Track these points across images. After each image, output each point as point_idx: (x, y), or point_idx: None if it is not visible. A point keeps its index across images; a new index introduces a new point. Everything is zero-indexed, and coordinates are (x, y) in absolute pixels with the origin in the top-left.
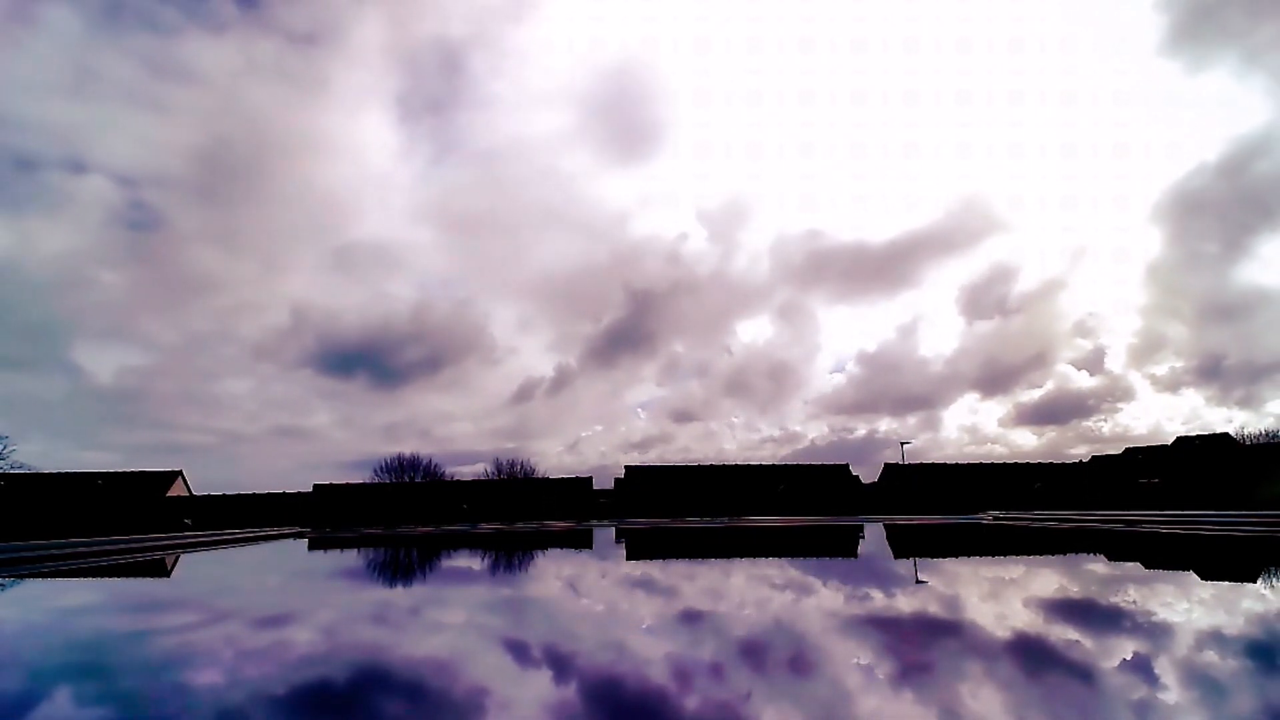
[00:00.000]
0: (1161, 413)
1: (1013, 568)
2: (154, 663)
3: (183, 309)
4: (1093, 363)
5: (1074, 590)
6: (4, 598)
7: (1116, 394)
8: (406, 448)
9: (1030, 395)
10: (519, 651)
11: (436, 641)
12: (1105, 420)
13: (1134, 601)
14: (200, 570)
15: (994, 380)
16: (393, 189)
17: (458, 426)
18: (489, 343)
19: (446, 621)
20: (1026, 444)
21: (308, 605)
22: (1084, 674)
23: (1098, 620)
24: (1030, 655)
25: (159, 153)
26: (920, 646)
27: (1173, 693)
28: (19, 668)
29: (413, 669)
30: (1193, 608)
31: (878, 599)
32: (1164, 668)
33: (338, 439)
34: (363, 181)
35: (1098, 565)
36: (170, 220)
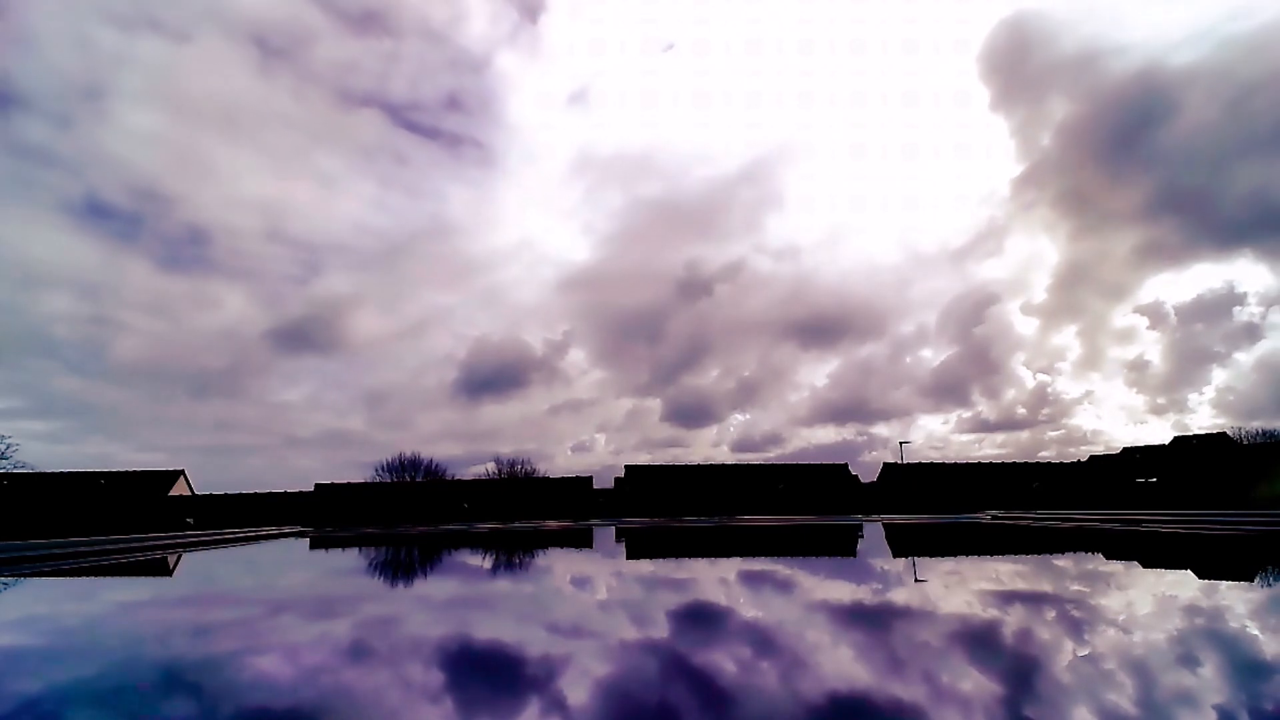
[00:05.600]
0: (1113, 418)
1: (1013, 566)
2: (155, 661)
3: (322, 349)
4: (1048, 371)
5: (1076, 589)
6: (4, 597)
7: (1067, 401)
8: (438, 451)
9: (992, 403)
10: (509, 647)
11: (429, 639)
12: (1058, 428)
13: (1136, 599)
14: (201, 569)
15: (959, 391)
16: (525, 255)
17: (494, 430)
18: (551, 366)
19: (439, 619)
20: (993, 449)
21: (307, 603)
22: (1084, 672)
23: (1099, 619)
24: (1031, 653)
25: (343, 228)
26: (919, 644)
27: (1175, 691)
28: (20, 667)
29: (408, 666)
30: (1197, 605)
31: (876, 597)
32: (1165, 666)
33: (380, 440)
34: (506, 250)
35: (1099, 564)
36: (327, 275)
